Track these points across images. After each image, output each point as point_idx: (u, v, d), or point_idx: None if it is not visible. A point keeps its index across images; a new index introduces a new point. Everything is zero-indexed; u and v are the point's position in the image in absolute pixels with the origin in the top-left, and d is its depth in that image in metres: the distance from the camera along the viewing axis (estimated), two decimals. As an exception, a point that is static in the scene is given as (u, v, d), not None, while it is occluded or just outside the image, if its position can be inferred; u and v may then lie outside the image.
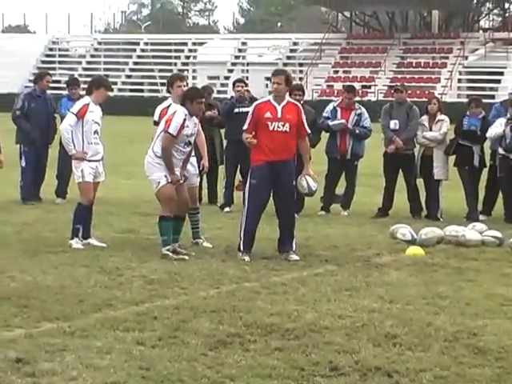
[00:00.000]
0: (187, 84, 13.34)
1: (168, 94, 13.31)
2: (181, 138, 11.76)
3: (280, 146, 11.96)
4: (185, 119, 11.74)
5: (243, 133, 12.22)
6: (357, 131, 16.72)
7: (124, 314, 8.73)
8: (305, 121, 12.27)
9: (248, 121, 12.20)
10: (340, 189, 17.21)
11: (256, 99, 17.98)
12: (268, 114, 11.99)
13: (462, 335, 8.18)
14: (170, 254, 11.74)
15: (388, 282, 10.60)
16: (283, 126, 11.96)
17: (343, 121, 16.68)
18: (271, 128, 11.94)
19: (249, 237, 12.09)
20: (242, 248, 12.02)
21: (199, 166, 13.17)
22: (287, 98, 12.32)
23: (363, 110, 17.12)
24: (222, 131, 17.90)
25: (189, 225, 12.86)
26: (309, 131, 12.39)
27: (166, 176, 11.77)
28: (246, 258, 11.80)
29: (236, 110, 17.41)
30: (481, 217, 16.05)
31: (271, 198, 12.23)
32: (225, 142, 17.80)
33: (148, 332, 8.02)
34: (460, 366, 7.21)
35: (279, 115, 11.98)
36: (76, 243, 12.31)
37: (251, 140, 11.89)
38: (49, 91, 18.21)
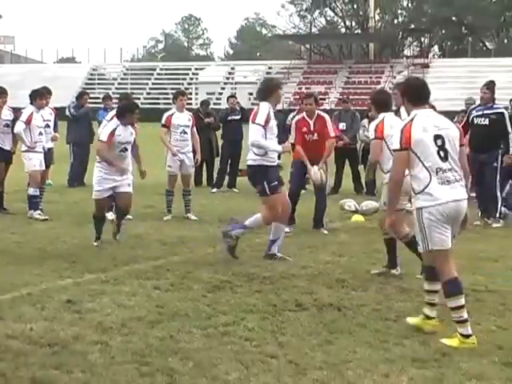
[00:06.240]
0: (187, 98, 13.25)
1: (173, 105, 13.21)
2: (115, 144, 10.03)
3: (313, 150, 11.43)
4: (115, 128, 9.99)
5: (296, 146, 11.49)
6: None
7: (145, 267, 8.73)
8: (330, 127, 11.67)
9: (294, 134, 11.70)
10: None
11: (244, 109, 18.04)
12: (304, 129, 11.61)
13: (391, 279, 8.21)
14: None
15: (338, 242, 10.63)
16: (313, 136, 11.58)
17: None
18: (307, 139, 11.56)
19: (291, 212, 11.20)
20: None
21: (194, 159, 12.93)
22: (316, 111, 11.77)
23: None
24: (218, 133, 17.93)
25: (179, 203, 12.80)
26: (332, 134, 11.76)
27: (98, 182, 10.12)
28: (286, 229, 10.68)
29: (229, 117, 17.44)
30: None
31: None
32: (221, 142, 17.87)
33: (163, 280, 8.01)
34: (390, 302, 7.23)
35: (312, 128, 11.59)
36: (110, 216, 12.22)
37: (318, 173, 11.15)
38: (88, 105, 18.20)
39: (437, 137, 6.07)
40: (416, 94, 6.35)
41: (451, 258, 6.17)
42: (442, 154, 6.05)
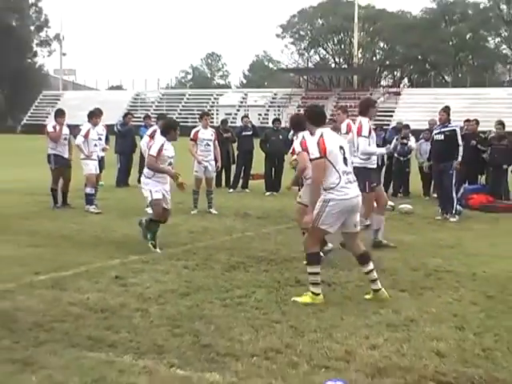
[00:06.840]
0: (210, 118, 13.33)
1: (199, 123, 13.24)
2: (164, 158, 8.83)
3: None
4: (163, 144, 8.80)
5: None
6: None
7: (176, 250, 8.73)
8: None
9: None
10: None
11: (254, 126, 18.07)
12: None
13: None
14: (153, 248, 8.76)
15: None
16: None
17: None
18: None
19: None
20: None
21: (215, 165, 12.98)
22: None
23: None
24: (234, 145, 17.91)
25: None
26: None
27: (151, 191, 8.93)
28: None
29: (243, 133, 17.49)
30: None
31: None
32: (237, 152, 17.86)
33: (190, 261, 8.01)
34: (369, 280, 7.20)
35: None
36: (149, 210, 12.18)
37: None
38: (132, 123, 18.47)
39: (340, 147, 6.39)
40: (316, 117, 6.65)
41: (322, 239, 6.76)
42: (344, 160, 6.37)
